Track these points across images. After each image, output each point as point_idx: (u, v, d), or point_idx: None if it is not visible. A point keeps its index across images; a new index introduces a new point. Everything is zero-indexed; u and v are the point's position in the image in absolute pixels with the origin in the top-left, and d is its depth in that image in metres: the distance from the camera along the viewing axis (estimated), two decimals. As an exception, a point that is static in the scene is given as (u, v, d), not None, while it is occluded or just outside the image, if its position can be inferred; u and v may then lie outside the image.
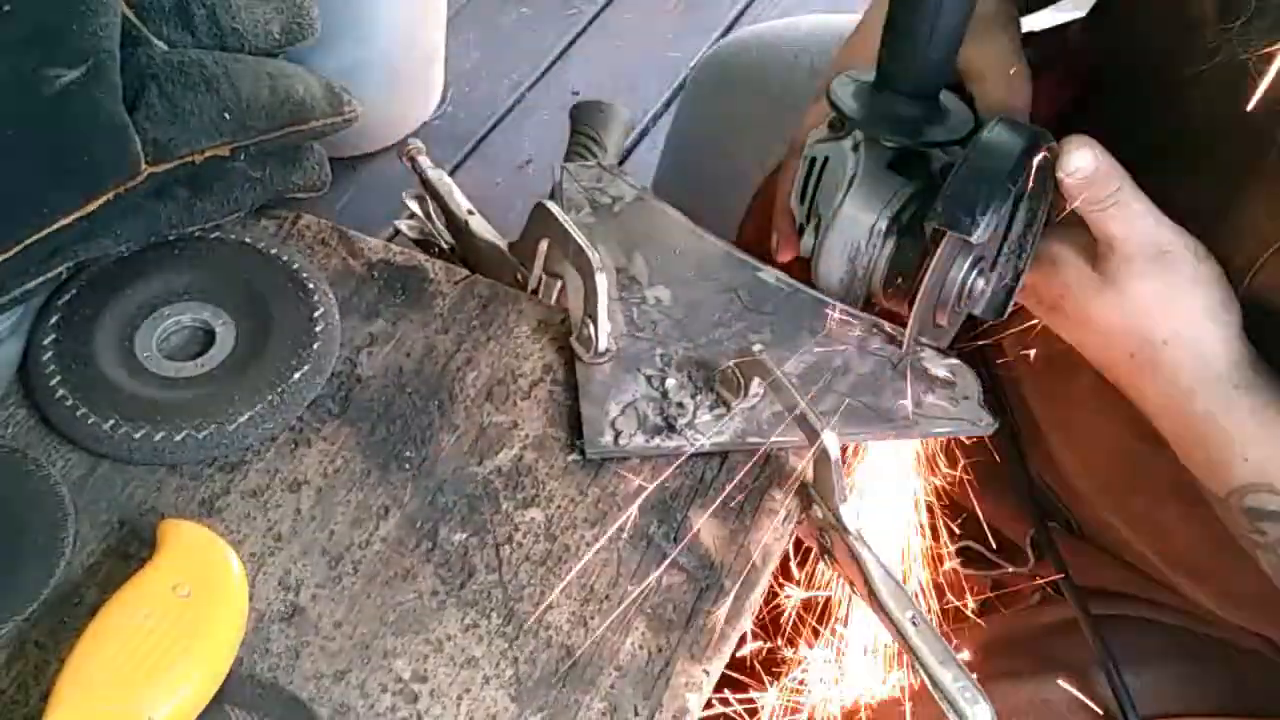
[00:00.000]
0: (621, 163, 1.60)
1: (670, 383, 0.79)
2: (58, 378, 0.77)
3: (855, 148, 0.78)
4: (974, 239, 0.69)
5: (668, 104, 2.06)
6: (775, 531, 0.76)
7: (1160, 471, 0.77)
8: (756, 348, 0.75)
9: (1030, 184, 0.71)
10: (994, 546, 0.94)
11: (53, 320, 0.80)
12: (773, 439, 0.77)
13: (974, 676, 0.69)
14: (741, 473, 0.78)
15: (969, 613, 0.91)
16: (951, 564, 0.88)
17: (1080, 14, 0.92)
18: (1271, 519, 0.72)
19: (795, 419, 0.74)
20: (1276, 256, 0.70)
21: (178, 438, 0.75)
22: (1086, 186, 0.69)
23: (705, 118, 1.25)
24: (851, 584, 0.75)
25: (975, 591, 0.95)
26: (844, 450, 0.79)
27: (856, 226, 0.77)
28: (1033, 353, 0.82)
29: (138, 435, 0.75)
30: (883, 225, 0.76)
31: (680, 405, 0.78)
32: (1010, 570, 0.94)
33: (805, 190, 0.81)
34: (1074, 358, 0.78)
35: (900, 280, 0.77)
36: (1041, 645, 0.89)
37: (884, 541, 0.82)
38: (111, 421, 0.75)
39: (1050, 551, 0.88)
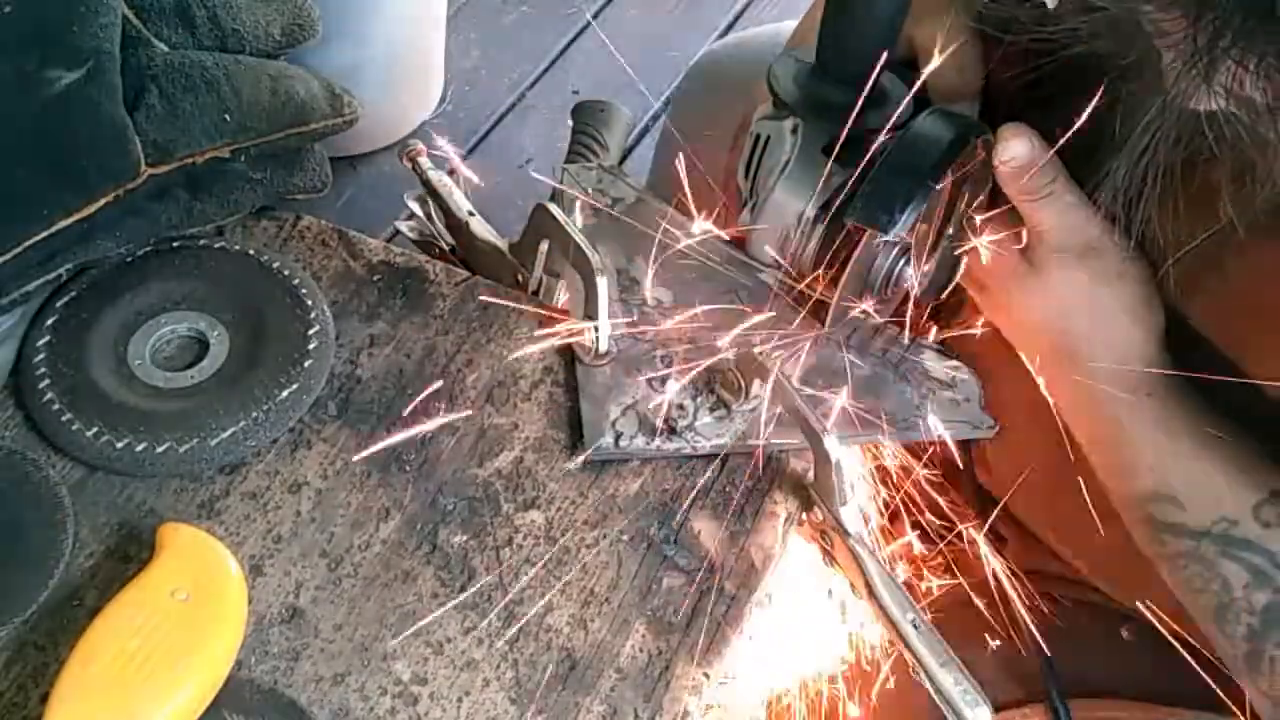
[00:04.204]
0: (622, 162, 1.60)
1: (670, 384, 0.79)
2: (47, 380, 0.77)
3: (794, 130, 0.77)
4: (890, 236, 0.69)
5: (667, 103, 2.05)
6: (775, 533, 0.76)
7: (1080, 480, 0.78)
8: (757, 349, 0.75)
9: (973, 168, 0.71)
10: (944, 529, 0.95)
11: (49, 322, 0.80)
12: (773, 441, 0.77)
13: (974, 679, 0.69)
14: (742, 475, 0.77)
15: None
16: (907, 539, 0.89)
17: None
18: (1172, 531, 0.72)
19: (796, 421, 0.74)
20: (1180, 264, 0.70)
21: (159, 449, 0.74)
22: (1021, 175, 0.69)
23: (693, 121, 1.25)
24: (852, 585, 0.75)
25: (930, 567, 0.96)
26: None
27: (786, 212, 0.77)
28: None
29: (119, 445, 0.74)
30: (811, 212, 0.76)
31: (681, 407, 0.78)
32: (962, 548, 0.94)
33: (749, 166, 0.80)
34: (1004, 362, 0.78)
35: (828, 266, 0.77)
36: (977, 618, 0.89)
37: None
38: (95, 429, 0.75)
39: (989, 536, 0.88)
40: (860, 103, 0.76)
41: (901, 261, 0.75)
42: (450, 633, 0.71)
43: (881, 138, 0.77)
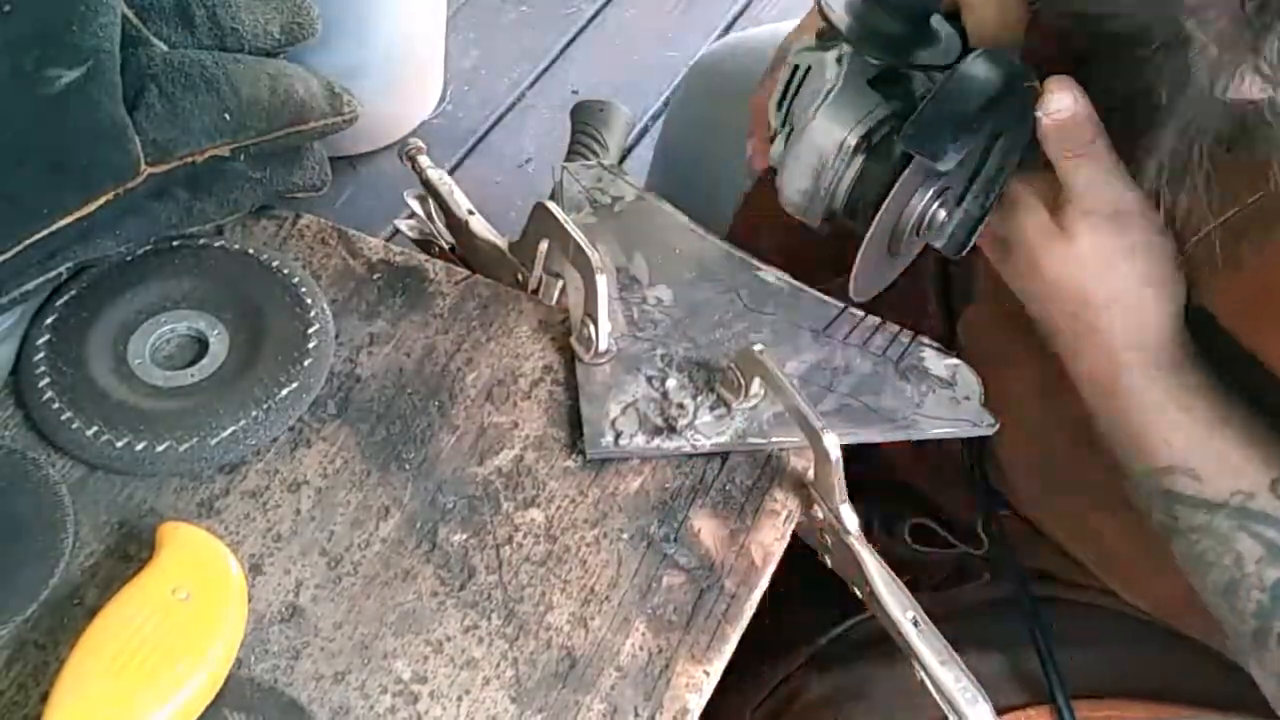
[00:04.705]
0: (621, 161, 1.60)
1: (671, 383, 0.79)
2: (47, 379, 0.77)
3: (839, 59, 0.76)
4: (941, 166, 0.68)
5: (668, 103, 2.06)
6: (776, 531, 0.76)
7: (1093, 475, 0.77)
8: (757, 348, 0.75)
9: (1007, 122, 0.71)
10: (949, 529, 0.95)
11: (49, 321, 0.80)
12: (773, 439, 0.77)
13: (974, 677, 0.69)
14: (742, 473, 0.78)
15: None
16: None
17: None
18: (1186, 504, 0.72)
19: (796, 419, 0.74)
20: (1199, 249, 0.70)
21: (159, 449, 0.74)
22: (1063, 130, 0.69)
23: (693, 123, 1.25)
24: (852, 584, 0.75)
25: (932, 569, 0.96)
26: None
27: (827, 139, 0.75)
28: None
29: (119, 444, 0.74)
30: (852, 141, 0.74)
31: (681, 406, 0.78)
32: (964, 550, 0.94)
33: (784, 98, 0.79)
34: (1014, 357, 0.78)
35: (861, 202, 0.76)
36: (982, 620, 0.89)
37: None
38: (95, 429, 0.75)
39: (996, 533, 0.88)
40: (912, 37, 0.76)
41: (936, 203, 0.74)
42: (450, 631, 0.71)
43: (929, 76, 0.76)
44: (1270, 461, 0.70)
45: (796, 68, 0.78)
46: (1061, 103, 0.68)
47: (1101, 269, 0.72)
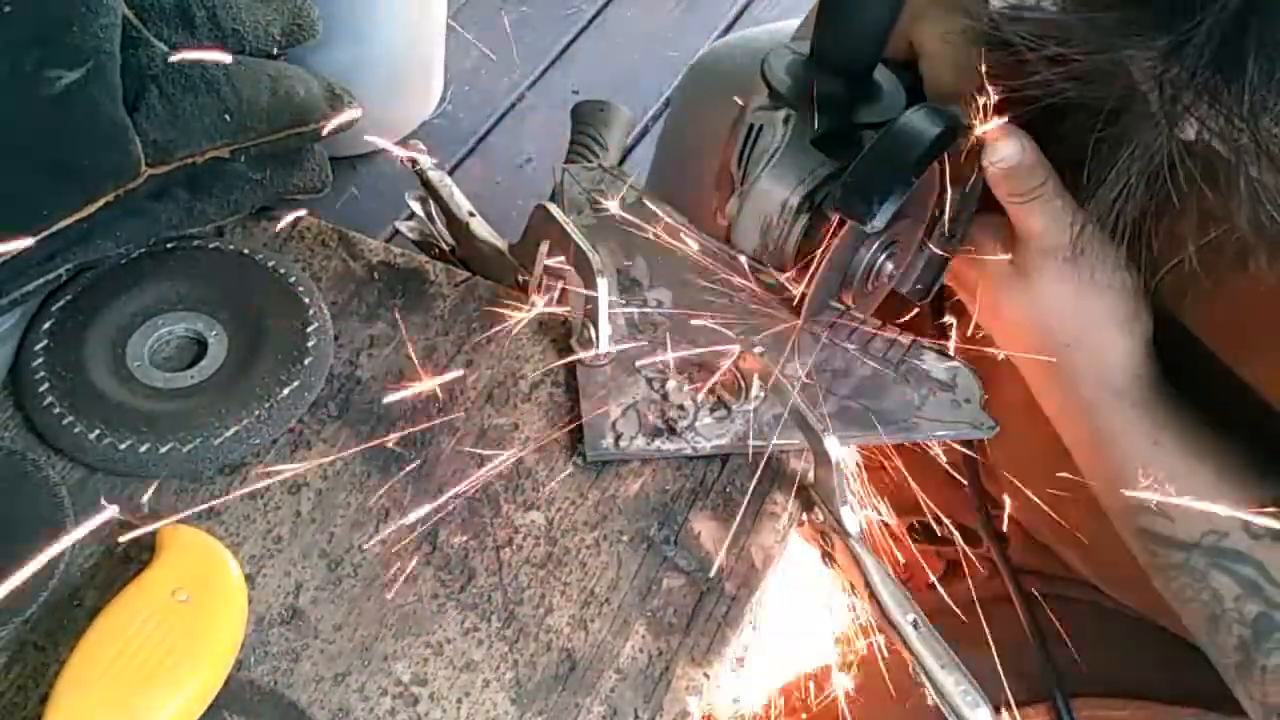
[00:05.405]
0: (622, 161, 1.60)
1: (670, 385, 0.79)
2: (46, 384, 0.77)
3: (786, 119, 0.77)
4: (869, 228, 0.69)
5: (668, 103, 2.05)
6: (776, 534, 0.76)
7: (1082, 483, 0.77)
8: (757, 350, 0.75)
9: (966, 168, 0.71)
10: (948, 527, 0.95)
11: (47, 325, 0.80)
12: (773, 442, 0.77)
13: (975, 680, 0.69)
14: (742, 475, 0.77)
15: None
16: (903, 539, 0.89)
17: None
18: (1162, 542, 0.72)
19: (796, 422, 0.74)
20: (1175, 270, 0.70)
21: (162, 450, 0.74)
22: (1010, 177, 0.69)
23: (692, 123, 1.25)
24: (852, 586, 0.75)
25: (930, 567, 0.96)
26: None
27: (770, 200, 0.76)
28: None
29: (122, 446, 0.74)
30: (794, 201, 0.75)
31: (681, 408, 0.78)
32: (962, 548, 0.94)
33: (741, 155, 0.80)
34: (1004, 366, 0.78)
35: (810, 257, 0.77)
36: (980, 618, 0.89)
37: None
38: (97, 431, 0.75)
39: (991, 531, 0.88)
40: (853, 95, 0.76)
41: (883, 255, 0.75)
42: (450, 633, 0.71)
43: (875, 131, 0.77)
44: (1244, 498, 0.70)
45: (751, 126, 0.79)
46: (1006, 151, 0.68)
47: (1061, 310, 0.72)
